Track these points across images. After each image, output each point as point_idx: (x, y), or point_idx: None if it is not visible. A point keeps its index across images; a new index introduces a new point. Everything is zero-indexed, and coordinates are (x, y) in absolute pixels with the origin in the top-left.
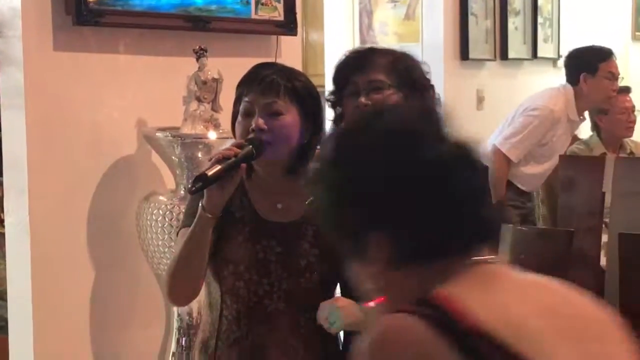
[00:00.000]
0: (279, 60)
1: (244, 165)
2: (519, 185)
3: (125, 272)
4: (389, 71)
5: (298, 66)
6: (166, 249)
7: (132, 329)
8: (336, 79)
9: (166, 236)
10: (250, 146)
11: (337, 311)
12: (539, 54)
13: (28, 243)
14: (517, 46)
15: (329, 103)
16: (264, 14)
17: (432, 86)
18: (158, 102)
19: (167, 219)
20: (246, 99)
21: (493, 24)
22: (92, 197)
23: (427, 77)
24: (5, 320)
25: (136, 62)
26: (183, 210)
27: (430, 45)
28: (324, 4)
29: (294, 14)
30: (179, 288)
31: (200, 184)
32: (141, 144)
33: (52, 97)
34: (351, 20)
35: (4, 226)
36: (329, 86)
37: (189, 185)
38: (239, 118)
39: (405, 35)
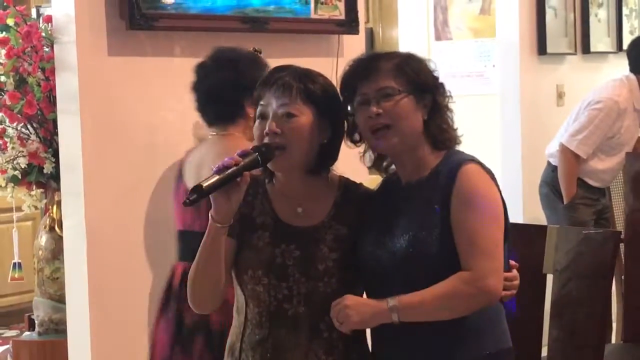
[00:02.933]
0: (341, 61)
1: (247, 173)
2: (590, 182)
3: None
4: (396, 75)
5: None
6: None
7: None
8: (344, 90)
9: None
10: (256, 153)
11: (345, 310)
12: (625, 47)
13: (84, 246)
14: (600, 39)
15: None
16: (324, 13)
17: (441, 84)
18: None
19: None
20: (261, 102)
21: (573, 17)
22: (148, 201)
23: (435, 74)
24: (66, 324)
25: (192, 65)
26: None
27: (506, 40)
28: (399, 0)
29: (356, 12)
30: (199, 296)
31: (195, 195)
32: None
33: (107, 102)
34: (426, 16)
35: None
36: None
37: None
38: (256, 121)
39: (481, 30)
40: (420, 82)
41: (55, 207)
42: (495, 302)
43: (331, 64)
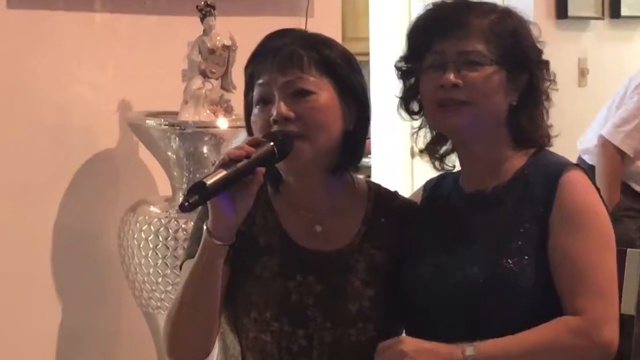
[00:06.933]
0: (311, 22)
1: (261, 169)
2: (637, 188)
3: (103, 310)
4: (490, 38)
5: (336, 29)
6: (159, 279)
7: None
8: (413, 43)
9: (160, 261)
10: (271, 143)
11: (402, 358)
12: None
13: None
14: (633, 1)
15: (399, 72)
16: None
17: (545, 62)
18: (148, 77)
19: (160, 238)
20: (260, 80)
21: None
22: (59, 206)
23: (539, 47)
24: None
25: (118, 23)
26: (183, 227)
27: (515, 0)
28: None
29: None
30: (183, 344)
31: (196, 197)
32: (125, 135)
33: (5, 70)
34: None
35: None
36: (375, 54)
37: (182, 199)
38: (255, 109)
39: None
40: (519, 54)
41: None
42: (611, 358)
43: (297, 25)
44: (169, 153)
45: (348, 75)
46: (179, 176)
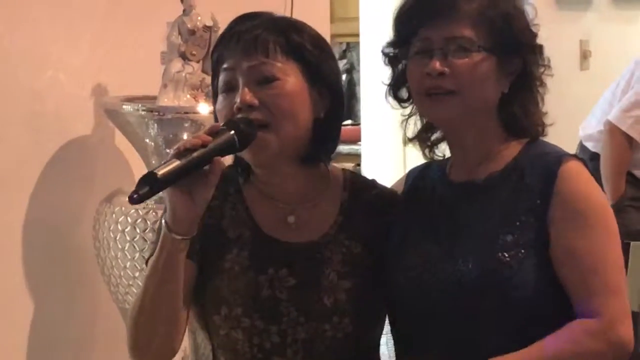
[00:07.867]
0: (297, 1)
1: (219, 159)
2: None
3: (78, 306)
4: (479, 22)
5: (324, 8)
6: (137, 273)
7: None
8: (400, 28)
9: (137, 255)
10: (232, 132)
11: None
12: None
13: None
14: None
15: (387, 58)
16: None
17: (539, 47)
18: (124, 60)
19: (138, 230)
20: (225, 65)
21: None
22: (29, 197)
23: (533, 30)
24: None
25: (93, 2)
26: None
27: None
28: None
29: None
30: (146, 344)
31: (147, 188)
32: (100, 121)
33: None
34: None
35: None
36: (365, 35)
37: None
38: (220, 96)
39: None
40: (511, 38)
41: None
42: (628, 358)
43: (283, 5)
44: (147, 140)
45: (318, 60)
46: (157, 164)
